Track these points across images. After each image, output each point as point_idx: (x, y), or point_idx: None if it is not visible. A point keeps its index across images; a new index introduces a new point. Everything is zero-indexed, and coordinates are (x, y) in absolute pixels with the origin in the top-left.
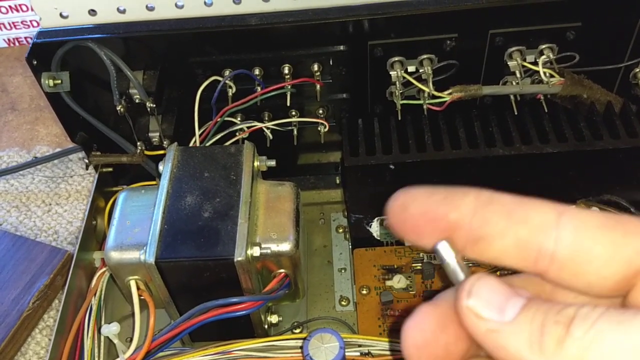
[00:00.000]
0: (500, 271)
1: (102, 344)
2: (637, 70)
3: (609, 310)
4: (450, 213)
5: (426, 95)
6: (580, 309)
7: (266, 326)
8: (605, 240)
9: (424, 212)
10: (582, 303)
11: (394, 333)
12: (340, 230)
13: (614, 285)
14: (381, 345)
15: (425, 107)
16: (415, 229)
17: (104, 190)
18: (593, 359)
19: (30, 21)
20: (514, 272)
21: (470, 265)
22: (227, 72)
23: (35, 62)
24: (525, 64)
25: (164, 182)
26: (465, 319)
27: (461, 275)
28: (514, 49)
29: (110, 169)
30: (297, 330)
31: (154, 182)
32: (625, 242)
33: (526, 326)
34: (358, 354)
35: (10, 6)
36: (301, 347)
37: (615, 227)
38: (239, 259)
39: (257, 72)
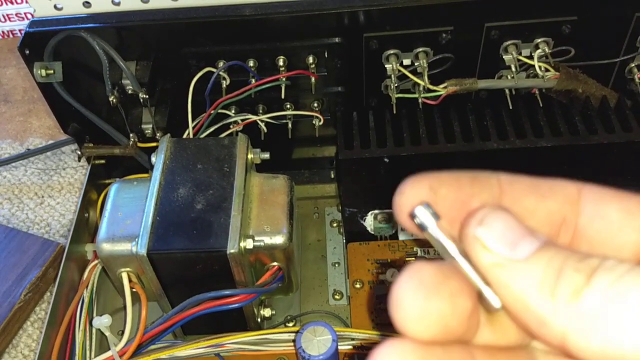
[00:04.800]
0: None
1: (93, 336)
2: (633, 65)
3: (638, 267)
4: (481, 194)
5: (421, 88)
6: (605, 260)
7: (259, 319)
8: (621, 207)
9: (457, 195)
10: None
11: (387, 327)
12: (335, 225)
13: (629, 256)
14: (374, 338)
15: (420, 100)
16: (445, 216)
17: (97, 183)
18: (614, 316)
19: (25, 13)
20: None
21: None
22: (221, 64)
23: (27, 52)
24: (520, 57)
25: (157, 173)
26: (471, 248)
27: (446, 242)
28: (509, 42)
29: (103, 161)
30: (290, 324)
31: (146, 175)
32: (639, 210)
33: (540, 268)
34: (351, 347)
35: None
36: (294, 340)
37: (630, 198)
38: (232, 251)
39: (251, 63)
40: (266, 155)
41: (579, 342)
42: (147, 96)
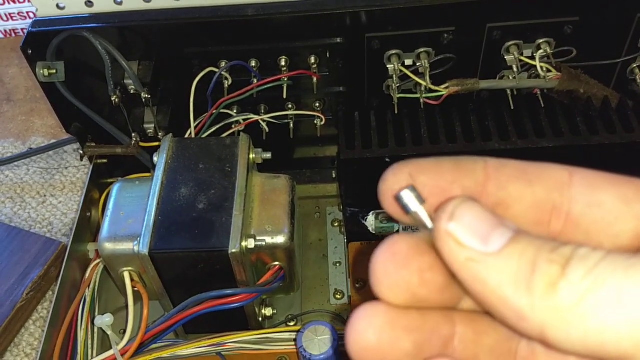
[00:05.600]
0: None
1: (95, 335)
2: (634, 65)
3: (612, 253)
4: (463, 181)
5: (423, 89)
6: (578, 248)
7: (260, 319)
8: (617, 194)
9: (436, 182)
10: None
11: None
12: (336, 224)
13: (627, 244)
14: None
15: (422, 100)
16: (424, 203)
17: (99, 182)
18: (591, 307)
19: (27, 12)
20: None
21: None
22: (223, 64)
23: (30, 52)
24: (522, 58)
25: (159, 173)
26: (443, 244)
27: (429, 224)
28: (511, 43)
29: (105, 161)
30: (292, 323)
31: (148, 174)
32: (636, 197)
33: (513, 261)
34: None
35: None
36: (295, 340)
37: (626, 184)
38: (233, 250)
39: (253, 63)
40: (268, 155)
41: (558, 335)
42: (150, 96)
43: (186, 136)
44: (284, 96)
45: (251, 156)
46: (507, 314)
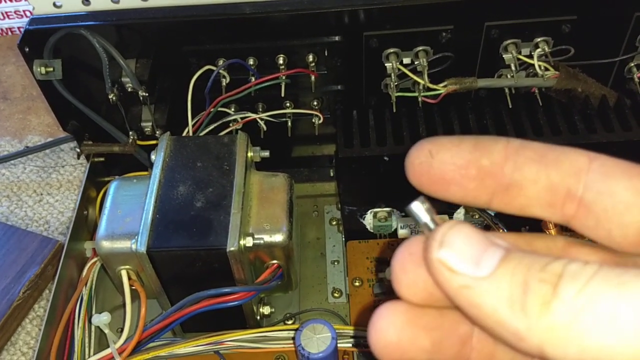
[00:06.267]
0: None
1: (92, 333)
2: (632, 64)
3: (604, 268)
4: (481, 159)
5: (421, 87)
6: (568, 264)
7: (258, 317)
8: (630, 185)
9: (453, 160)
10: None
11: None
12: (334, 223)
13: (635, 236)
14: None
15: (420, 99)
16: (441, 178)
17: (96, 180)
18: (586, 325)
19: (24, 11)
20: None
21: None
22: (221, 62)
23: (27, 49)
24: (520, 57)
25: (156, 171)
26: (436, 272)
27: None
28: (509, 41)
29: (102, 159)
30: (290, 322)
31: (146, 173)
32: None
33: (505, 282)
34: (350, 345)
35: None
36: (293, 338)
37: None
38: (232, 249)
39: (251, 62)
40: (266, 154)
41: (556, 353)
42: (147, 94)
43: (184, 134)
44: (282, 94)
45: (249, 154)
46: (506, 335)
